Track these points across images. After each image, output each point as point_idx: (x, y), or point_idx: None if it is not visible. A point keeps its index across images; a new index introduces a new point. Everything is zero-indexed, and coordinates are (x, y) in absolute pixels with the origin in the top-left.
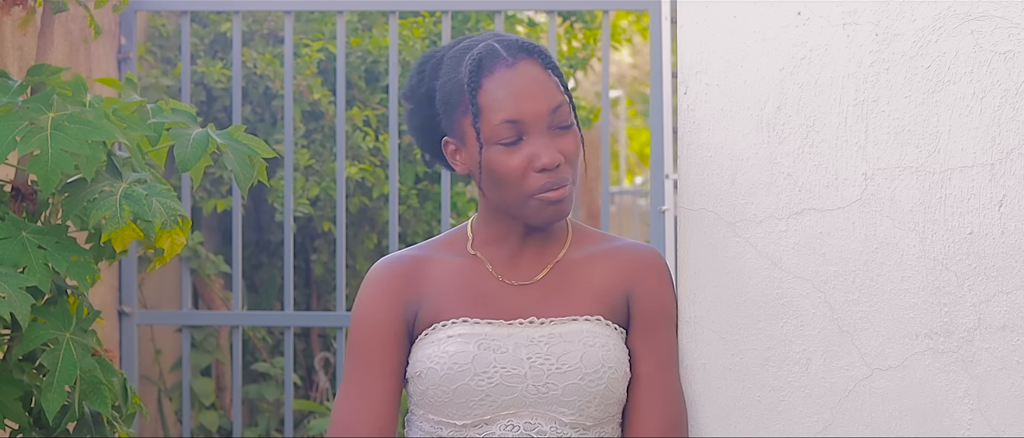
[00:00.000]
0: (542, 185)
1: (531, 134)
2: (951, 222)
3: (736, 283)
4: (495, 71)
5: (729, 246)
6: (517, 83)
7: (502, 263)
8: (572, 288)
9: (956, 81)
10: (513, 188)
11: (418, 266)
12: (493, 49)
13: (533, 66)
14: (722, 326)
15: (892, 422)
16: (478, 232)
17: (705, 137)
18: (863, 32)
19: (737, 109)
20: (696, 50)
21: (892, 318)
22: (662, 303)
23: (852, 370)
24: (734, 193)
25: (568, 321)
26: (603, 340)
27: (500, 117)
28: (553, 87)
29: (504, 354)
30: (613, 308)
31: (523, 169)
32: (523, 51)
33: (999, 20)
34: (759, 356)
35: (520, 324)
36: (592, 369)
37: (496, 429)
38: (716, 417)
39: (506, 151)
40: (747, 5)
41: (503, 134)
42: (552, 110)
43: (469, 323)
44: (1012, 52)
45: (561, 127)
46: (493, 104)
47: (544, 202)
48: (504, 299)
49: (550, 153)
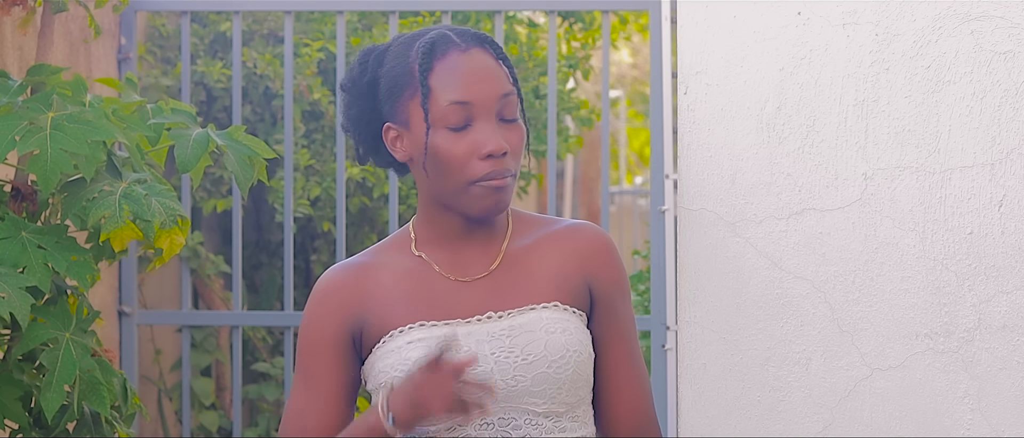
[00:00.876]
0: (486, 173)
1: (478, 120)
2: (951, 222)
3: (736, 283)
4: (448, 54)
5: (729, 246)
6: (468, 67)
7: (448, 261)
8: (524, 277)
9: (956, 81)
10: (456, 174)
11: (364, 275)
12: (446, 35)
13: (485, 54)
14: (722, 326)
15: (892, 422)
16: (420, 231)
17: (705, 137)
18: (863, 32)
19: (737, 109)
20: (696, 50)
21: (892, 318)
22: (618, 280)
23: (852, 370)
24: (734, 193)
25: (526, 311)
26: (564, 325)
27: (449, 98)
28: (503, 76)
29: (466, 353)
30: (571, 293)
31: (467, 155)
32: (476, 40)
33: (999, 20)
34: (759, 356)
35: (478, 320)
36: (558, 355)
37: (471, 429)
38: (716, 417)
39: (452, 136)
40: (747, 5)
41: (451, 117)
42: (501, 96)
43: (426, 327)
44: (1012, 52)
45: (508, 119)
46: (443, 85)
47: (486, 190)
48: (457, 298)
49: (496, 140)
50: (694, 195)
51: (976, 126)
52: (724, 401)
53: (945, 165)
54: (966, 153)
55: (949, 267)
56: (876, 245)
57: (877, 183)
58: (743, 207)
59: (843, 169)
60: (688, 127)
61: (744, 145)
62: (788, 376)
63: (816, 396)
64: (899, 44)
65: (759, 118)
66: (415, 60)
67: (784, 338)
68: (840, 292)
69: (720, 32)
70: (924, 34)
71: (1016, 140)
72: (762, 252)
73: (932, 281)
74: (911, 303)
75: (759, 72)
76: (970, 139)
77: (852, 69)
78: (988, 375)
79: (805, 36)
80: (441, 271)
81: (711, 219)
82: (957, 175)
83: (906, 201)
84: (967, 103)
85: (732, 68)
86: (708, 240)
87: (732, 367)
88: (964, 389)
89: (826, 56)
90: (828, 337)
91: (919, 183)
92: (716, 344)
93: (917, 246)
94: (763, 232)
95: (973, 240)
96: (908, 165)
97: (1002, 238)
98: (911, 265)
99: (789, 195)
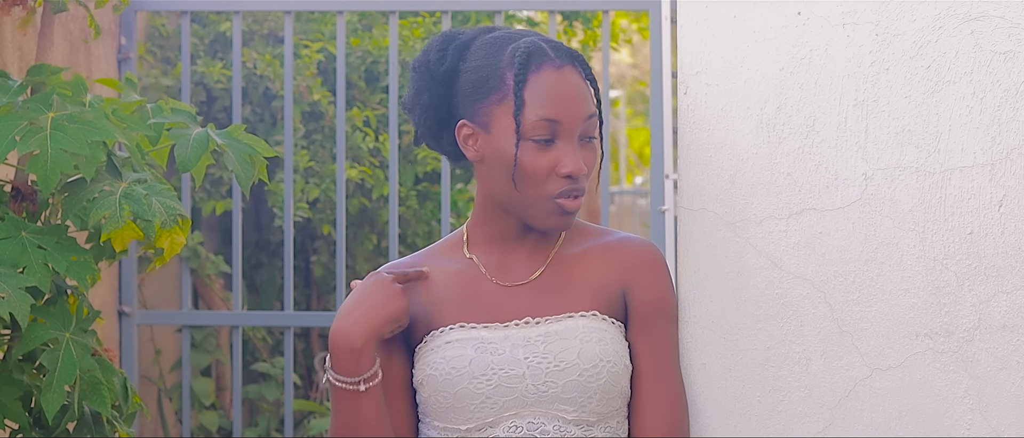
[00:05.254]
0: (562, 191)
1: (562, 138)
2: (951, 222)
3: (736, 283)
4: (543, 69)
5: (729, 246)
6: (561, 85)
7: (496, 265)
8: (567, 285)
9: (956, 81)
10: (534, 188)
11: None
12: (541, 48)
13: (576, 73)
14: (722, 326)
15: (892, 422)
16: (473, 233)
17: (705, 137)
18: (863, 32)
19: (737, 109)
20: (696, 50)
21: (892, 318)
22: (658, 297)
23: (852, 370)
24: (734, 193)
25: (563, 319)
26: (599, 335)
27: (540, 114)
28: (590, 98)
29: (501, 356)
30: (609, 303)
31: (548, 171)
32: (569, 57)
33: (999, 20)
34: (759, 356)
35: (516, 325)
36: (590, 364)
37: (499, 431)
38: (716, 417)
39: (537, 149)
40: (747, 5)
41: (538, 131)
42: (586, 118)
43: (465, 328)
44: (1012, 52)
45: (588, 138)
46: (536, 99)
47: (559, 208)
48: (499, 301)
49: (576, 162)
50: (694, 195)
51: (976, 126)
52: (724, 401)
53: (945, 165)
54: (966, 153)
55: (949, 267)
56: (876, 245)
57: (877, 183)
58: (743, 207)
59: (843, 169)
60: (688, 127)
61: (744, 145)
62: (788, 376)
63: (816, 396)
64: (899, 44)
65: (759, 118)
66: (508, 67)
67: (784, 338)
68: (840, 292)
69: (720, 32)
70: (924, 34)
71: (1016, 140)
72: (762, 252)
73: (932, 281)
74: (911, 303)
75: (759, 72)
76: (970, 139)
77: (852, 69)
78: (988, 375)
79: (805, 36)
80: (488, 274)
81: (711, 219)
82: (957, 175)
83: (906, 201)
84: (967, 103)
85: (732, 68)
86: (708, 240)
87: (732, 367)
88: (964, 389)
89: (826, 56)
90: (828, 337)
91: (919, 183)
92: (716, 344)
93: (917, 246)
94: (763, 232)
95: (973, 240)
96: (908, 165)
97: (1002, 238)
98: (911, 265)
99: (789, 195)
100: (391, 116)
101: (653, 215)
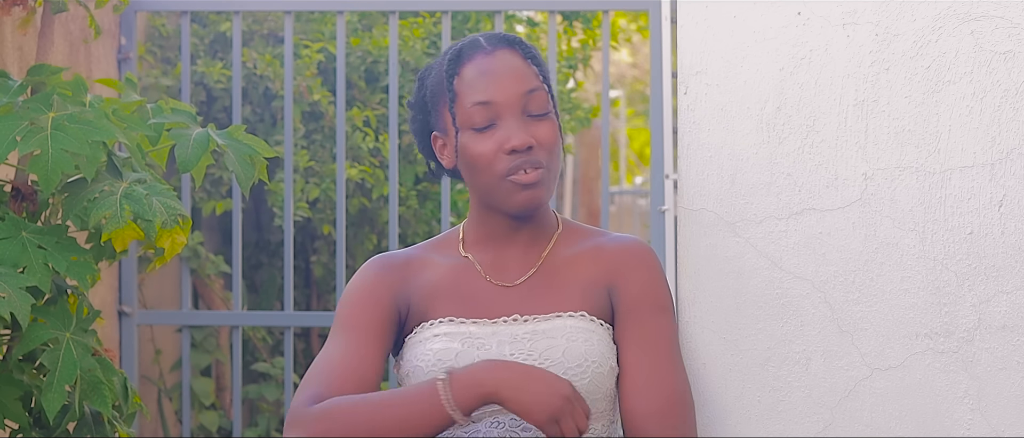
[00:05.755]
0: (511, 167)
1: (503, 118)
2: (951, 222)
3: (736, 283)
4: (474, 58)
5: (729, 246)
6: (491, 67)
7: (490, 264)
8: (557, 286)
9: (956, 81)
10: (485, 172)
11: (409, 266)
12: (475, 40)
13: (511, 54)
14: (722, 326)
15: (892, 422)
16: (468, 232)
17: (705, 137)
18: (863, 32)
19: (737, 109)
20: (696, 50)
21: (892, 318)
22: (643, 290)
23: (852, 370)
24: (734, 193)
25: (552, 318)
26: (586, 335)
27: (472, 99)
28: (529, 74)
29: (487, 351)
30: (597, 304)
31: (494, 152)
32: (504, 42)
33: (999, 20)
34: (759, 356)
35: (504, 322)
36: (575, 363)
37: (482, 427)
38: (716, 417)
39: (478, 135)
40: (747, 5)
41: (475, 117)
42: (525, 93)
43: (454, 322)
44: (1012, 52)
45: (536, 114)
46: (467, 88)
47: (515, 185)
48: (491, 299)
49: (520, 135)
50: (694, 195)
51: (976, 126)
52: (724, 401)
53: (945, 165)
54: (966, 153)
55: (949, 267)
56: (876, 245)
57: (877, 183)
58: (743, 207)
59: (843, 169)
60: (688, 127)
61: (744, 145)
62: (788, 376)
63: (816, 396)
64: (899, 44)
65: (759, 118)
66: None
67: (784, 338)
68: (840, 292)
69: (720, 32)
70: (924, 34)
71: (1016, 140)
72: (762, 252)
73: (932, 281)
74: (911, 303)
75: (759, 72)
76: (970, 139)
77: (852, 69)
78: (988, 375)
79: (805, 36)
80: (482, 272)
81: (711, 219)
82: (957, 175)
83: (906, 201)
84: (967, 103)
85: (732, 68)
86: (708, 240)
87: (732, 367)
88: (964, 389)
89: (826, 56)
90: (828, 337)
91: (919, 183)
92: (716, 344)
93: (917, 246)
94: (763, 232)
95: (973, 240)
96: (908, 165)
97: (1002, 238)
98: (911, 265)
99: (789, 195)
100: (391, 116)
101: (653, 215)
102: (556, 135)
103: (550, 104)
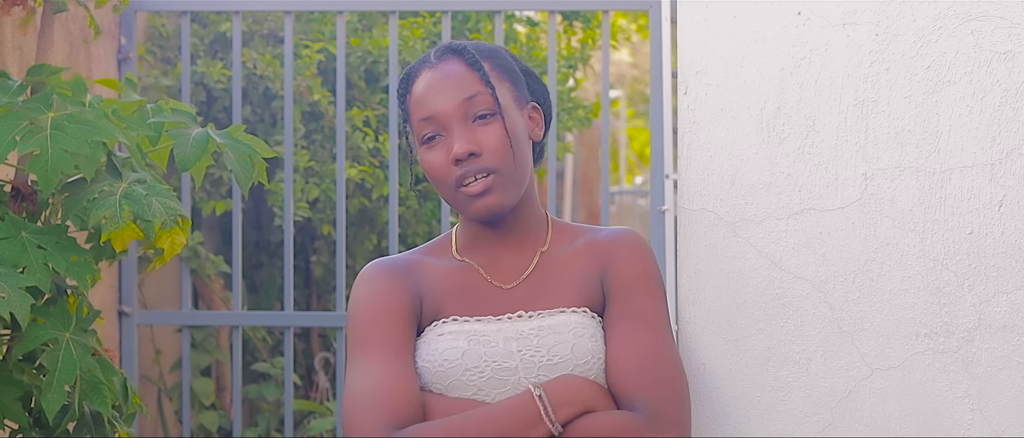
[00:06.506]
0: (459, 176)
1: (449, 128)
2: (951, 222)
3: (736, 283)
4: (420, 74)
5: (729, 246)
6: (433, 81)
7: (487, 265)
8: (557, 283)
9: (956, 81)
10: (441, 184)
11: (413, 267)
12: (425, 57)
13: (454, 63)
14: (722, 326)
15: (892, 422)
16: (460, 237)
17: (705, 137)
18: (863, 32)
19: (737, 109)
20: (696, 50)
21: (892, 318)
22: (632, 271)
23: (852, 370)
24: (734, 193)
25: (556, 313)
26: (591, 331)
27: (418, 115)
28: (471, 79)
29: (494, 348)
30: (592, 297)
31: (444, 163)
32: (449, 51)
33: (999, 20)
34: (759, 356)
35: (508, 319)
36: (582, 360)
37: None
38: (716, 417)
39: (428, 149)
40: (747, 5)
41: (423, 131)
42: (464, 100)
43: (458, 321)
44: (1012, 52)
45: (480, 117)
46: (414, 105)
47: (467, 196)
48: (493, 298)
49: (459, 143)
50: (694, 195)
51: (976, 126)
52: (724, 401)
53: (945, 165)
54: (966, 153)
55: (949, 267)
56: (876, 245)
57: (877, 183)
58: (743, 207)
59: (843, 169)
60: (688, 127)
61: (744, 145)
62: (788, 376)
63: (816, 396)
64: (899, 44)
65: (759, 118)
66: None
67: (784, 338)
68: (840, 292)
69: (720, 32)
70: (924, 34)
71: (1016, 140)
72: (762, 252)
73: (932, 281)
74: (911, 303)
75: (759, 72)
76: (970, 139)
77: (852, 69)
78: (988, 375)
79: (805, 36)
80: (483, 273)
81: (711, 219)
82: (957, 175)
83: (906, 201)
84: (967, 103)
85: (732, 68)
86: (708, 240)
87: (732, 367)
88: (964, 389)
89: (826, 56)
90: (828, 337)
91: (919, 183)
92: (716, 344)
93: (917, 246)
94: (763, 232)
95: (973, 240)
96: (908, 165)
97: (1002, 238)
98: (911, 265)
99: (789, 195)
100: (391, 116)
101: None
102: (501, 136)
103: (495, 106)
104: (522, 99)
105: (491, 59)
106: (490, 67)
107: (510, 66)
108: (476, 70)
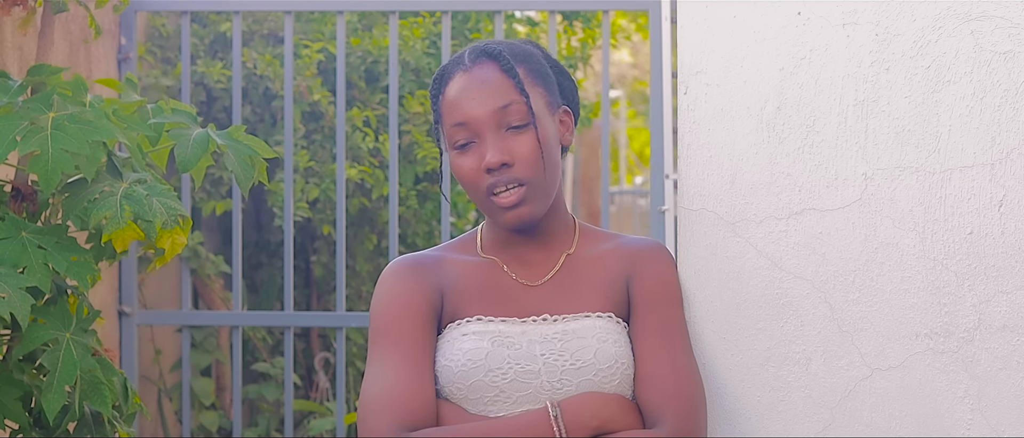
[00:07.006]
0: (491, 184)
1: (483, 135)
2: (951, 222)
3: (736, 283)
4: (454, 76)
5: (729, 246)
6: (467, 86)
7: (512, 263)
8: (582, 285)
9: (956, 81)
10: (472, 190)
11: (437, 265)
12: (459, 57)
13: (489, 68)
14: (722, 326)
15: (892, 422)
16: (486, 235)
17: (705, 137)
18: (863, 32)
19: (737, 109)
20: (696, 50)
21: (892, 318)
22: (660, 281)
23: (852, 370)
24: (734, 193)
25: (580, 317)
26: (615, 336)
27: (451, 120)
28: (506, 87)
29: (518, 351)
30: (618, 303)
31: (476, 170)
32: (484, 55)
33: (999, 20)
34: (759, 356)
35: (533, 321)
36: (606, 365)
37: None
38: (716, 417)
39: (460, 154)
40: (747, 5)
41: (456, 137)
42: (499, 109)
43: (483, 321)
44: (1012, 52)
45: (514, 127)
46: (447, 108)
47: (498, 206)
48: (518, 298)
49: (492, 152)
50: (694, 195)
51: (976, 126)
52: (724, 401)
53: (945, 165)
54: (966, 153)
55: (949, 267)
56: (876, 245)
57: (877, 183)
58: (743, 207)
59: (843, 169)
60: (688, 127)
61: (744, 145)
62: (788, 376)
63: (816, 396)
64: (899, 44)
65: (759, 118)
66: (433, 87)
67: (784, 338)
68: (840, 292)
69: (720, 32)
70: (924, 34)
71: (1016, 140)
72: (762, 252)
73: (932, 281)
74: (911, 303)
75: (759, 72)
76: (970, 139)
77: (852, 69)
78: (988, 375)
79: (805, 36)
80: (508, 271)
81: (711, 219)
82: (957, 175)
83: (906, 201)
84: (967, 103)
85: (732, 68)
86: (708, 240)
87: (732, 367)
88: (964, 389)
89: (826, 56)
90: (828, 337)
91: (919, 183)
92: (716, 344)
93: (917, 246)
94: (763, 232)
95: (973, 240)
96: (908, 165)
97: (1002, 238)
98: (911, 265)
99: (789, 195)
100: (391, 116)
101: (653, 215)
102: (534, 147)
103: (529, 116)
104: (554, 104)
105: (525, 63)
106: (524, 72)
107: (543, 69)
108: (511, 77)
